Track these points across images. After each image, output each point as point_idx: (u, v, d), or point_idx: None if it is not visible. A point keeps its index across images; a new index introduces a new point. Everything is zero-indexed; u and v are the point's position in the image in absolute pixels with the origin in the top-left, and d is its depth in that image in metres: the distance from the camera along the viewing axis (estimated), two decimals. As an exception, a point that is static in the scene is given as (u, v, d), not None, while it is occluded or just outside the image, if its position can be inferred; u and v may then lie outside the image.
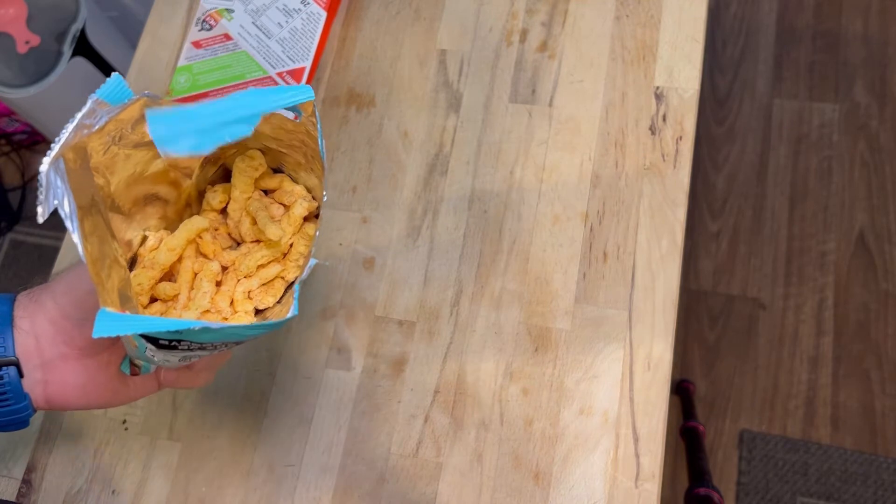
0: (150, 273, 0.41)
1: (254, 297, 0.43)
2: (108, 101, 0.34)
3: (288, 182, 0.45)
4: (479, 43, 0.61)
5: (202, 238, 0.43)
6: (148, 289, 0.42)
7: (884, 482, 1.12)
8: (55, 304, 0.37)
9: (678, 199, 0.54)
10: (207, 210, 0.45)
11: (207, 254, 0.43)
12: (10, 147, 1.43)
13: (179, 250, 0.42)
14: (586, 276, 0.53)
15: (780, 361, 1.21)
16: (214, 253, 0.43)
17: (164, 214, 0.44)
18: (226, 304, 0.42)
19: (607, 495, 0.48)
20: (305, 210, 0.43)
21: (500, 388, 0.52)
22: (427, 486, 0.51)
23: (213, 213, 0.45)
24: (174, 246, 0.42)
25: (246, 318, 0.42)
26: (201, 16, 0.64)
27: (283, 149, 0.43)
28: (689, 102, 0.56)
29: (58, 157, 0.32)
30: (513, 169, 0.57)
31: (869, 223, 1.27)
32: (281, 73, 0.61)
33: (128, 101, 0.35)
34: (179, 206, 0.44)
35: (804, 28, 1.39)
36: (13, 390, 0.36)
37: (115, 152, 0.38)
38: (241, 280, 0.43)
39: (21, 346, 0.36)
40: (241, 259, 0.43)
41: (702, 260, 1.28)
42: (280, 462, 0.53)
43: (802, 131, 1.33)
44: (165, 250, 0.42)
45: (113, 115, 0.35)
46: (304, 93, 0.35)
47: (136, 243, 0.43)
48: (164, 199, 0.44)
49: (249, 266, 0.43)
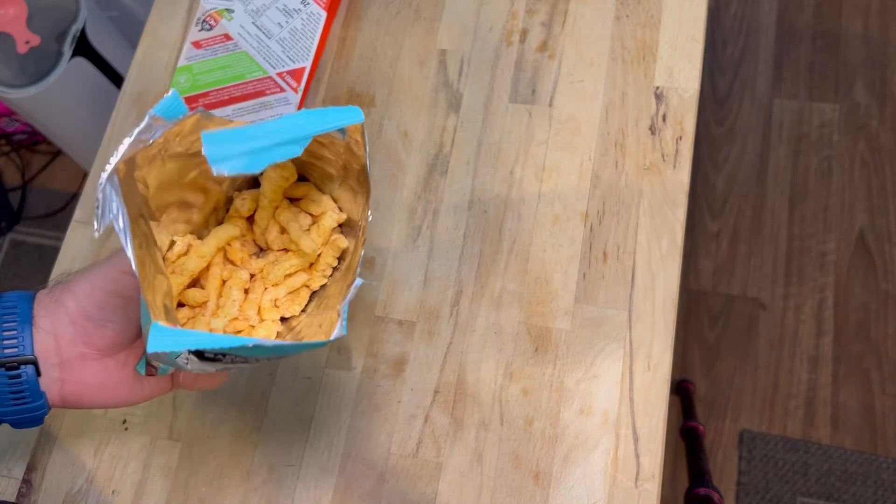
0: (179, 279, 0.42)
1: (280, 305, 0.43)
2: (163, 117, 0.35)
3: (314, 191, 0.45)
4: (479, 43, 0.61)
5: (231, 245, 0.44)
6: (176, 294, 0.42)
7: (884, 482, 1.12)
8: (77, 305, 0.37)
9: (678, 199, 0.54)
10: (235, 216, 0.45)
11: (235, 261, 0.44)
12: (10, 147, 1.43)
13: (209, 257, 0.43)
14: (586, 276, 0.53)
15: (780, 361, 1.21)
16: (242, 260, 0.44)
17: (190, 219, 0.44)
18: (253, 312, 0.42)
19: (607, 495, 0.48)
20: (335, 222, 0.44)
21: (500, 388, 0.52)
22: (427, 486, 0.51)
23: (241, 219, 0.45)
24: (204, 253, 0.42)
25: (273, 326, 0.43)
26: (201, 16, 0.64)
27: (312, 159, 0.43)
28: (689, 102, 0.56)
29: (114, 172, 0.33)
30: (513, 169, 0.57)
31: (869, 223, 1.27)
32: (281, 73, 0.61)
33: (182, 117, 0.36)
34: (206, 212, 0.45)
35: (804, 28, 1.40)
36: (30, 389, 0.36)
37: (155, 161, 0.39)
38: (268, 288, 0.43)
39: (40, 345, 0.36)
40: (269, 268, 0.43)
41: (702, 260, 1.28)
42: (280, 462, 0.53)
43: (802, 131, 1.33)
44: (195, 257, 0.42)
45: (166, 130, 0.36)
46: (355, 116, 0.36)
47: (164, 248, 0.43)
48: (190, 204, 0.44)
49: (277, 275, 0.43)
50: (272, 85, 0.61)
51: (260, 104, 0.61)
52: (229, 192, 0.45)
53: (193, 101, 0.62)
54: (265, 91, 0.61)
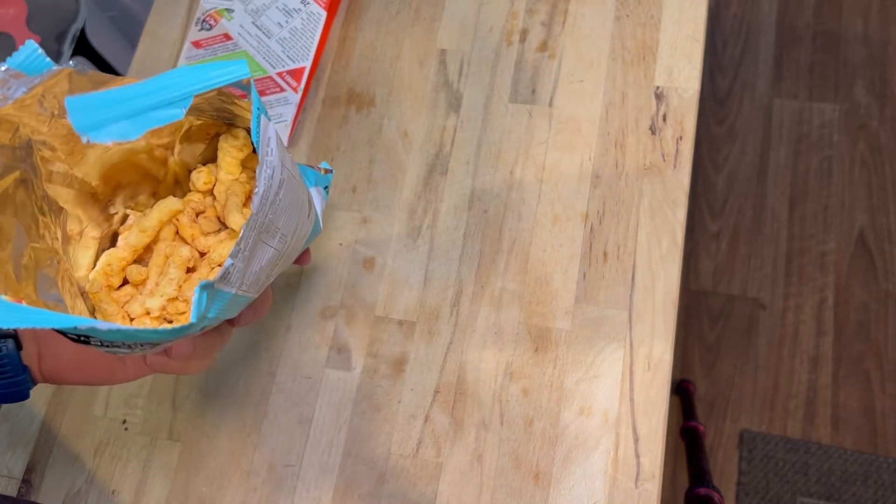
0: (120, 254, 0.40)
1: None
2: (23, 70, 0.32)
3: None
4: (479, 43, 0.61)
5: (180, 221, 0.41)
6: (118, 270, 0.40)
7: (884, 482, 1.12)
8: None
9: (678, 199, 0.54)
10: (194, 191, 0.42)
11: (186, 238, 0.41)
12: (10, 147, 1.43)
13: (152, 232, 0.41)
14: (586, 276, 0.53)
15: (781, 361, 1.21)
16: (193, 237, 0.41)
17: (157, 192, 0.42)
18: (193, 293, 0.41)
19: (607, 495, 0.48)
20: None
21: (500, 388, 0.52)
22: (427, 486, 0.51)
23: (200, 194, 0.42)
24: (146, 227, 0.40)
25: None
26: (201, 16, 0.64)
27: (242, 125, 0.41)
28: (689, 102, 0.56)
29: None
30: (513, 169, 0.57)
31: (869, 223, 1.27)
32: (281, 72, 0.61)
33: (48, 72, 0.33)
34: (168, 184, 0.43)
35: (804, 28, 1.39)
36: (11, 363, 0.36)
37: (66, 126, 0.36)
38: (214, 268, 0.40)
39: None
40: (215, 246, 0.40)
41: (702, 260, 1.28)
42: (280, 462, 0.53)
43: (802, 131, 1.33)
44: (137, 231, 0.40)
45: (33, 86, 0.33)
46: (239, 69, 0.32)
47: (116, 220, 0.41)
48: (154, 177, 0.42)
49: (222, 254, 0.40)
50: (272, 85, 0.61)
51: (260, 104, 0.60)
52: (192, 166, 0.43)
53: (193, 101, 0.62)
54: (265, 91, 0.61)
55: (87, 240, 0.41)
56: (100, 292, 0.39)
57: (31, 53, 0.32)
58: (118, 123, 0.31)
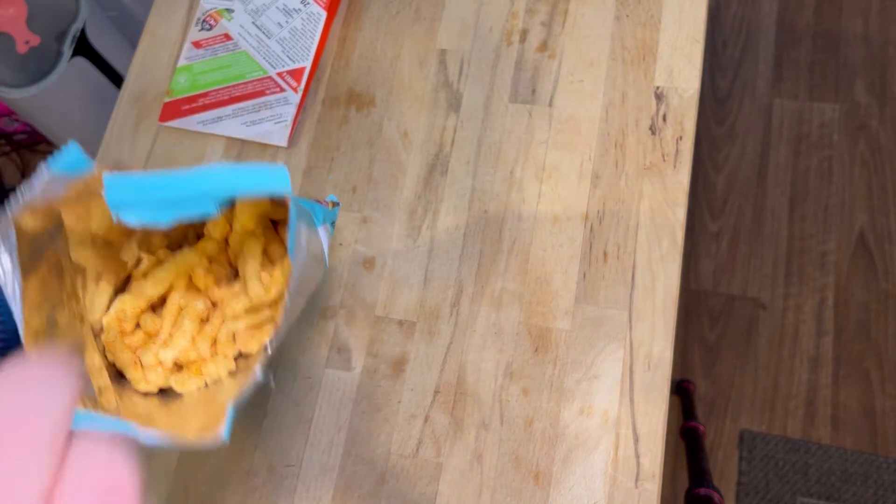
0: (136, 301, 0.40)
1: (238, 340, 0.41)
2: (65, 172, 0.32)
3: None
4: (479, 43, 0.61)
5: (195, 270, 0.41)
6: (132, 317, 0.40)
7: (884, 482, 1.12)
8: None
9: (678, 199, 0.54)
10: (208, 239, 0.42)
11: (199, 286, 0.41)
12: (10, 147, 1.43)
13: (166, 283, 0.41)
14: (586, 276, 0.53)
15: (781, 361, 1.21)
16: (206, 287, 0.41)
17: (169, 233, 0.42)
18: (207, 345, 0.40)
19: (607, 495, 0.48)
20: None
21: (500, 388, 0.52)
22: (427, 486, 0.51)
23: (212, 241, 0.42)
24: (162, 278, 0.40)
25: (223, 363, 0.40)
26: (201, 16, 0.64)
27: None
28: (689, 102, 0.56)
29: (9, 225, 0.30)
30: (513, 169, 0.57)
31: (869, 223, 1.27)
32: (281, 72, 0.61)
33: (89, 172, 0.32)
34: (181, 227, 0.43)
35: (804, 28, 1.40)
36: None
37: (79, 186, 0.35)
38: (227, 321, 0.40)
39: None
40: (229, 299, 0.40)
41: (702, 260, 1.28)
42: (280, 462, 0.53)
43: (802, 131, 1.33)
44: (153, 282, 0.40)
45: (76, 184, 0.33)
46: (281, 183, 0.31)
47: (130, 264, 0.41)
48: None
49: (236, 309, 0.40)
50: (272, 85, 0.61)
51: (260, 104, 0.61)
52: None
53: (193, 101, 0.62)
54: (265, 91, 0.61)
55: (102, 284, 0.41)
56: (115, 340, 0.39)
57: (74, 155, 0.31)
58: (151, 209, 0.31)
